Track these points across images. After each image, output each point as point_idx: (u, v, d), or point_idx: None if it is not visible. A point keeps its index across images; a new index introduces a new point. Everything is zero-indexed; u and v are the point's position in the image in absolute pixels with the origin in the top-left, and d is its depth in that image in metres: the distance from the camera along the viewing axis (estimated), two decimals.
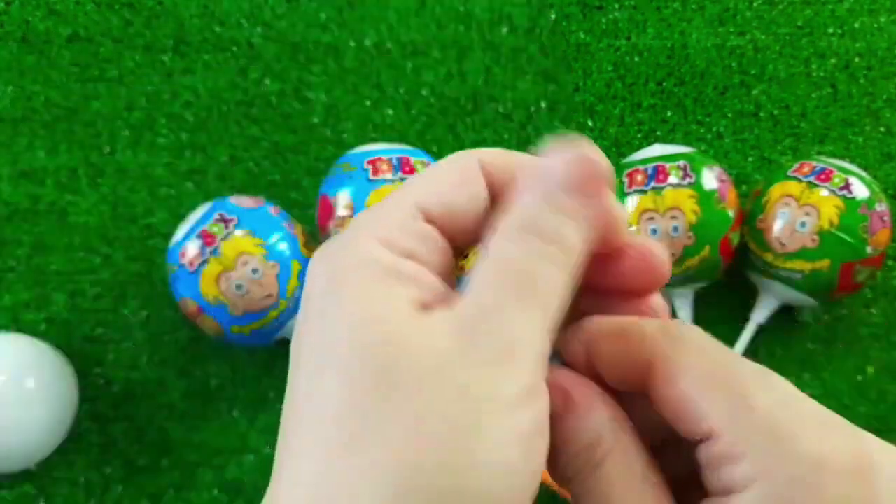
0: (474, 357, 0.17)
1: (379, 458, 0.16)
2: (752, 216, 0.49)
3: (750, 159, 0.57)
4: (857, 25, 0.61)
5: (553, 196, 0.19)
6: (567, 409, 0.20)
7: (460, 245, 0.21)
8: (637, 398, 0.20)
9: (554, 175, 0.19)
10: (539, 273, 0.18)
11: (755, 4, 0.61)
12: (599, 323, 0.21)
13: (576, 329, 0.21)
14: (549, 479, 0.22)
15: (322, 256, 0.19)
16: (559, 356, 0.21)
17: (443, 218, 0.20)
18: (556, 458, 0.20)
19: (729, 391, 0.18)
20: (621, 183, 0.48)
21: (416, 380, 0.16)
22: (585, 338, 0.21)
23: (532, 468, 0.17)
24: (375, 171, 0.47)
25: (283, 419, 0.18)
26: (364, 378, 0.16)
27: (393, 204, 0.20)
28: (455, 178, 0.20)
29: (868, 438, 0.17)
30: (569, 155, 0.19)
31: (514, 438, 0.16)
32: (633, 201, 0.47)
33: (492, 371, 0.17)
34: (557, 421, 0.19)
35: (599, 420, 0.19)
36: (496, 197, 0.21)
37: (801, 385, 0.23)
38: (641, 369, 0.19)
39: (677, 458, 0.20)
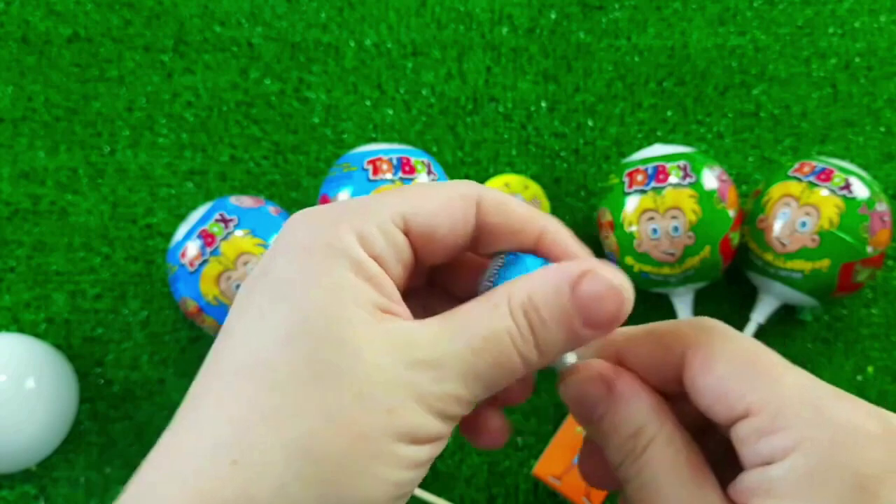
0: (404, 392, 0.18)
1: (291, 435, 0.17)
2: (752, 216, 0.50)
3: (750, 159, 0.57)
4: (857, 25, 0.61)
5: (569, 318, 0.19)
6: (611, 399, 0.21)
7: (424, 261, 0.21)
8: (667, 397, 0.21)
9: (584, 301, 0.19)
10: (506, 357, 0.19)
11: (755, 4, 0.61)
12: (627, 331, 0.22)
13: (605, 343, 0.22)
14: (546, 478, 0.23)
15: (303, 222, 0.20)
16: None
17: (420, 234, 0.20)
18: (605, 446, 0.21)
19: (761, 373, 0.19)
20: (622, 183, 0.48)
21: (349, 381, 0.18)
22: (615, 348, 0.22)
23: (412, 489, 0.19)
24: (376, 171, 0.47)
25: (212, 350, 0.19)
26: (298, 365, 0.18)
27: (382, 203, 0.20)
28: (450, 204, 0.21)
29: (889, 413, 0.18)
30: (606, 284, 0.19)
31: (406, 467, 0.18)
32: (633, 201, 0.47)
33: (413, 413, 0.18)
34: (603, 411, 0.21)
35: (642, 408, 0.21)
36: (480, 235, 0.21)
37: None
38: (676, 364, 0.20)
39: (706, 444, 0.21)
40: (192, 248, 0.45)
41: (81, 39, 0.59)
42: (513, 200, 0.22)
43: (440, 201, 0.21)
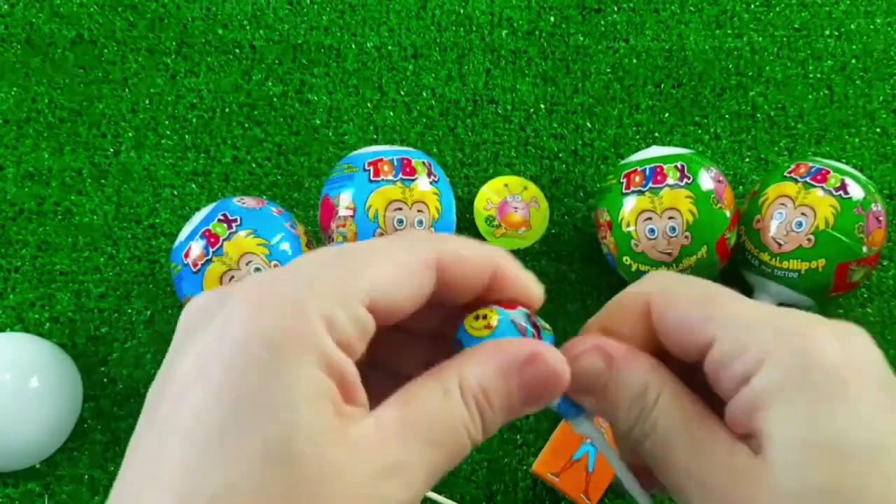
0: (377, 491, 0.18)
1: None
2: (748, 216, 0.50)
3: (747, 160, 0.58)
4: (853, 27, 0.61)
5: (512, 401, 0.20)
6: (611, 366, 0.22)
7: (383, 324, 0.21)
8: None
9: (529, 386, 0.20)
10: (460, 446, 0.19)
11: (752, 7, 0.62)
12: (595, 323, 0.23)
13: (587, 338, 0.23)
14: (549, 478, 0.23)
15: (260, 301, 0.18)
16: None
17: (384, 311, 0.20)
18: (614, 413, 0.22)
19: (717, 304, 0.21)
20: (619, 184, 0.49)
21: (325, 501, 0.17)
22: (596, 342, 0.23)
23: None
24: (377, 173, 0.48)
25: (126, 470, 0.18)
26: (271, 488, 0.17)
27: (347, 277, 0.19)
28: (413, 274, 0.20)
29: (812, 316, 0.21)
30: (550, 370, 0.20)
31: None
32: (630, 202, 0.48)
33: None
34: (606, 379, 0.22)
35: (643, 368, 0.22)
36: (442, 289, 0.21)
37: None
38: (646, 322, 0.22)
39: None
40: (196, 248, 0.46)
41: (85, 41, 0.59)
42: (468, 249, 0.21)
43: (404, 273, 0.20)
